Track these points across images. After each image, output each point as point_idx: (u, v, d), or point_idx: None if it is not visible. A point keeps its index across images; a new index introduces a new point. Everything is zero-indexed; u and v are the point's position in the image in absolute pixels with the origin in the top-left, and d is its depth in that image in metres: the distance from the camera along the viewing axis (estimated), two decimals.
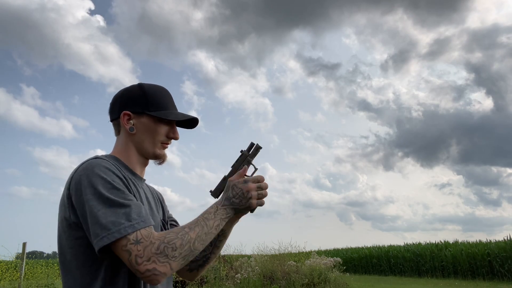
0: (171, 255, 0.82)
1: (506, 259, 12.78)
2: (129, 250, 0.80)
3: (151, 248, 0.81)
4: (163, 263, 0.81)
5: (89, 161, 0.91)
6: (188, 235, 0.87)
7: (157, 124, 1.04)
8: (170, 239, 0.84)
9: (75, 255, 0.88)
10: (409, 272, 16.50)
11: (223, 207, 0.98)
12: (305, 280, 8.45)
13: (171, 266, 0.82)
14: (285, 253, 10.07)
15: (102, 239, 0.80)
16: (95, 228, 0.82)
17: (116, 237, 0.80)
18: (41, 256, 17.64)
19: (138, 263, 0.80)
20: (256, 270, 8.81)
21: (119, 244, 0.81)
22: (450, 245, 15.74)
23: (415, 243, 18.22)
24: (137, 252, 0.80)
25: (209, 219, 0.94)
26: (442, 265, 15.13)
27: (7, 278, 10.66)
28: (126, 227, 0.81)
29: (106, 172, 0.88)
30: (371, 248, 20.03)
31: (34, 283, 9.26)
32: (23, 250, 8.04)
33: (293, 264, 8.95)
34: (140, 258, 0.80)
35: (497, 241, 14.21)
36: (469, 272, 14.02)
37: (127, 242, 0.80)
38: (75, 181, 0.88)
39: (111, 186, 0.86)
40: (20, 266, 8.29)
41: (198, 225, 0.91)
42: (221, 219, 0.97)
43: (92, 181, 0.86)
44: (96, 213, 0.82)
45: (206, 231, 0.92)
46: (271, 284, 8.40)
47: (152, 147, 1.05)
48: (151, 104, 1.04)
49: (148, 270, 0.80)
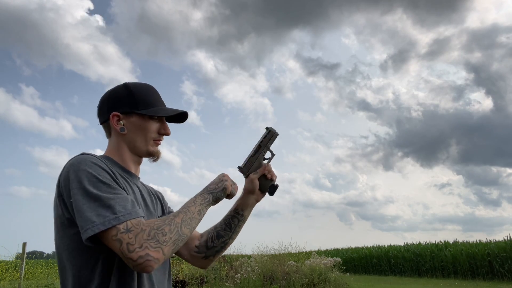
0: (162, 240, 0.83)
1: (506, 259, 12.78)
2: (120, 239, 0.80)
3: (143, 234, 0.82)
4: (155, 248, 0.81)
5: (76, 157, 0.92)
6: (174, 221, 0.89)
7: (147, 122, 1.05)
8: (158, 225, 0.86)
9: (71, 252, 0.89)
10: (409, 272, 16.49)
11: (201, 195, 1.03)
12: (305, 280, 8.45)
13: (163, 251, 0.83)
14: (285, 253, 10.08)
15: (87, 231, 0.80)
16: (80, 221, 0.83)
17: (101, 228, 0.80)
18: (41, 256, 17.66)
19: (130, 251, 0.79)
20: (256, 270, 8.81)
21: (108, 234, 0.81)
22: (450, 245, 15.74)
23: (415, 243, 18.25)
24: (128, 240, 0.80)
25: (190, 206, 0.98)
26: (442, 265, 15.13)
27: (7, 278, 10.66)
28: (111, 219, 0.81)
29: (91, 167, 0.89)
30: (371, 248, 20.02)
31: (34, 283, 9.27)
32: (23, 250, 8.04)
33: (293, 264, 8.94)
34: (132, 246, 0.80)
35: (497, 241, 14.21)
36: (469, 272, 14.02)
37: (117, 232, 0.81)
38: (63, 178, 0.89)
39: (96, 180, 0.87)
40: (20, 266, 8.30)
41: (181, 212, 0.95)
42: (201, 204, 1.01)
43: (77, 176, 0.87)
44: (81, 207, 0.83)
45: (190, 216, 0.95)
46: (271, 284, 8.40)
47: (144, 145, 1.06)
48: (139, 103, 1.04)
49: (141, 256, 0.79)
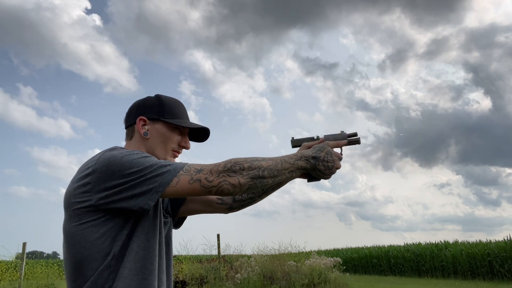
0: (239, 172, 0.90)
1: (506, 259, 12.76)
2: (198, 179, 0.88)
3: (217, 167, 0.90)
4: (232, 176, 0.89)
5: (109, 150, 0.95)
6: (258, 162, 0.93)
7: (171, 132, 1.09)
8: (237, 160, 0.92)
9: (86, 237, 0.88)
10: (409, 272, 16.48)
11: (307, 161, 1.02)
12: (305, 280, 8.45)
13: (239, 181, 0.90)
14: (285, 253, 10.07)
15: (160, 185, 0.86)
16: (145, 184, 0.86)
17: (178, 171, 0.88)
18: (41, 256, 17.67)
19: (210, 181, 0.88)
20: (256, 270, 8.81)
21: (183, 182, 0.88)
22: (450, 245, 15.72)
23: (415, 243, 18.25)
24: (205, 175, 0.89)
25: (287, 162, 0.98)
26: (442, 265, 15.12)
27: (7, 278, 10.65)
28: (175, 168, 0.89)
29: (129, 151, 0.93)
30: (371, 248, 20.00)
31: (34, 283, 9.27)
32: (23, 250, 8.04)
33: (293, 264, 8.94)
34: (211, 176, 0.89)
35: (497, 241, 14.20)
36: (469, 272, 14.00)
37: (191, 176, 0.88)
38: (103, 165, 0.89)
39: (142, 156, 0.91)
40: (20, 266, 8.30)
41: (273, 160, 0.96)
42: (298, 168, 1.01)
43: (124, 160, 0.89)
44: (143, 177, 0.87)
45: (279, 167, 0.96)
46: (271, 284, 8.40)
47: (163, 153, 1.08)
48: (167, 113, 1.08)
49: (220, 182, 0.89)
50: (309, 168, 1.03)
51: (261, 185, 0.93)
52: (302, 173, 1.05)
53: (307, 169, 1.03)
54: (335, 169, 1.05)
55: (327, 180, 1.09)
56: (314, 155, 1.03)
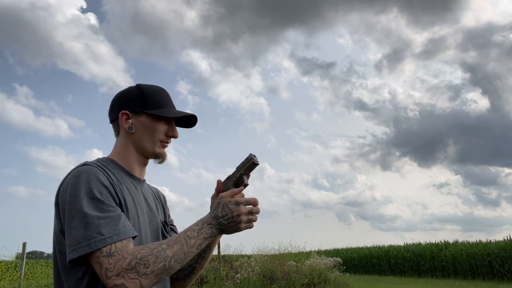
0: (142, 272, 0.80)
1: (506, 259, 12.76)
2: (100, 263, 0.80)
3: (122, 263, 0.79)
4: (132, 279, 0.79)
5: (77, 168, 0.91)
6: (164, 253, 0.84)
7: (156, 123, 1.04)
8: (143, 255, 0.81)
9: (63, 260, 0.88)
10: (409, 272, 16.48)
11: (209, 226, 0.93)
12: (305, 280, 8.45)
13: (141, 284, 0.80)
14: (285, 253, 10.07)
15: (72, 252, 0.81)
16: (68, 239, 0.83)
17: (86, 251, 0.80)
18: (41, 256, 17.65)
19: (107, 277, 0.79)
20: (256, 270, 8.81)
21: (93, 255, 0.81)
22: (450, 245, 15.72)
23: (415, 243, 18.24)
24: (107, 266, 0.79)
25: (192, 238, 0.90)
26: (442, 265, 15.12)
27: (7, 278, 10.65)
28: (97, 241, 0.81)
29: (90, 182, 0.87)
30: (371, 248, 20.01)
31: (34, 283, 9.27)
32: (23, 250, 8.04)
33: (293, 264, 8.94)
34: (110, 272, 0.79)
35: (497, 241, 14.19)
36: (469, 272, 14.00)
37: (100, 255, 0.80)
38: (63, 190, 0.89)
39: (92, 197, 0.85)
40: (20, 266, 8.29)
41: (177, 242, 0.87)
42: (205, 238, 0.92)
43: (75, 192, 0.86)
44: (72, 225, 0.83)
45: (186, 250, 0.88)
46: (271, 284, 8.40)
47: (151, 145, 1.04)
48: (150, 103, 1.04)
49: (116, 285, 0.78)
50: (216, 232, 0.94)
51: (170, 274, 0.86)
52: (214, 236, 0.94)
53: (214, 233, 0.93)
54: (237, 216, 0.92)
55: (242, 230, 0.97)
56: (213, 216, 0.94)
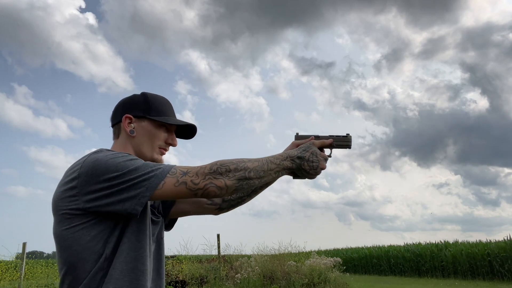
0: (225, 174, 0.90)
1: (506, 259, 12.76)
2: (183, 181, 0.88)
3: (203, 170, 0.90)
4: (218, 179, 0.89)
5: (94, 153, 0.94)
6: (244, 164, 0.93)
7: (157, 129, 1.08)
8: (223, 162, 0.91)
9: (77, 240, 0.88)
10: (409, 272, 16.48)
11: (292, 161, 1.02)
12: (305, 280, 8.45)
13: (225, 183, 0.90)
14: (285, 253, 10.06)
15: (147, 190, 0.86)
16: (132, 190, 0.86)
17: (164, 174, 0.87)
18: (41, 256, 17.66)
19: (196, 184, 0.88)
20: (256, 270, 8.81)
21: (169, 185, 0.87)
22: (450, 245, 15.72)
23: (415, 243, 18.24)
24: (191, 178, 0.88)
25: (273, 163, 0.98)
26: (442, 265, 15.12)
27: (7, 278, 10.65)
28: (162, 171, 0.88)
29: (115, 154, 0.92)
30: (371, 248, 20.01)
31: (34, 283, 9.26)
32: (23, 250, 8.04)
33: (293, 264, 8.94)
34: (197, 179, 0.89)
35: (497, 241, 14.20)
36: (469, 272, 14.01)
37: (177, 178, 0.88)
38: (88, 169, 0.88)
39: (128, 159, 0.90)
40: (20, 266, 8.30)
41: (259, 161, 0.96)
42: (283, 169, 1.01)
43: (109, 163, 0.88)
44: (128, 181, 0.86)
45: (265, 168, 0.96)
46: (271, 284, 8.40)
47: (150, 151, 1.07)
48: (153, 110, 1.08)
49: (205, 184, 0.88)
50: (295, 168, 1.03)
51: (248, 186, 0.94)
52: (289, 172, 1.06)
53: (292, 168, 1.03)
54: (320, 169, 1.06)
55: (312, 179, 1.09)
56: (299, 155, 1.03)
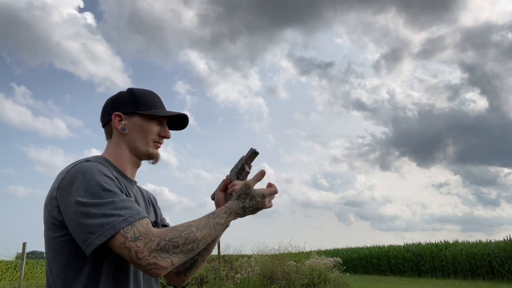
0: (172, 252, 0.83)
1: (506, 259, 12.77)
2: (128, 247, 0.81)
3: (151, 244, 0.82)
4: (164, 258, 0.82)
5: (81, 163, 0.91)
6: (194, 235, 0.87)
7: (148, 123, 1.06)
8: (171, 237, 0.84)
9: (59, 253, 0.88)
10: (409, 272, 16.48)
11: (236, 214, 0.98)
12: (305, 280, 8.45)
13: (172, 262, 0.83)
14: (285, 253, 10.06)
15: (97, 238, 0.80)
16: (86, 229, 0.82)
17: (111, 233, 0.80)
18: (41, 256, 17.63)
19: (138, 258, 0.81)
20: (256, 270, 8.81)
21: (116, 242, 0.81)
22: (450, 245, 15.73)
23: (415, 243, 18.23)
24: (137, 248, 0.81)
25: (220, 224, 0.93)
26: (442, 265, 15.12)
27: (7, 278, 10.66)
28: (120, 221, 0.82)
29: (98, 175, 0.88)
30: (371, 248, 20.01)
31: (34, 283, 9.27)
32: (23, 250, 8.04)
33: (293, 264, 8.94)
34: (141, 253, 0.81)
35: (497, 241, 14.21)
36: (469, 272, 14.01)
37: (125, 240, 0.81)
38: (66, 182, 0.88)
39: (103, 188, 0.86)
40: (20, 266, 8.30)
41: (207, 227, 0.90)
42: (226, 226, 0.98)
43: (84, 183, 0.85)
44: (87, 214, 0.82)
45: (213, 234, 0.91)
46: (271, 284, 8.40)
47: (145, 146, 1.05)
48: (142, 104, 1.05)
49: (149, 263, 0.81)
50: (241, 216, 1.00)
51: (193, 254, 0.89)
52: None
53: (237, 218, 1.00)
54: (262, 208, 1.01)
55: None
56: (241, 206, 0.99)
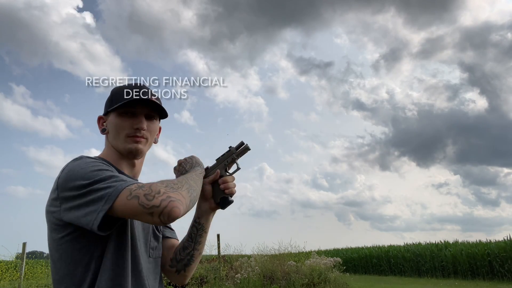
0: (177, 187, 0.84)
1: (506, 259, 12.76)
2: (136, 195, 0.79)
3: (156, 185, 0.81)
4: (173, 191, 0.81)
5: (72, 161, 0.93)
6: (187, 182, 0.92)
7: (120, 118, 1.03)
8: (169, 181, 0.86)
9: (66, 252, 0.88)
10: (409, 272, 16.47)
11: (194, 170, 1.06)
12: (305, 280, 8.45)
13: (182, 194, 0.83)
14: (285, 253, 10.06)
15: (106, 203, 0.80)
16: (92, 203, 0.82)
17: (116, 194, 0.80)
18: (41, 256, 17.62)
19: (149, 199, 0.78)
20: (256, 270, 8.81)
21: (123, 197, 0.80)
22: (450, 245, 15.72)
23: (415, 243, 18.23)
24: (144, 192, 0.79)
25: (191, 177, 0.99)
26: (442, 265, 15.11)
27: (7, 278, 10.65)
28: (120, 185, 0.82)
29: (90, 162, 0.90)
30: (371, 248, 20.00)
31: (34, 283, 9.26)
32: (23, 250, 8.04)
33: (293, 264, 8.94)
34: (150, 194, 0.78)
35: (497, 241, 14.20)
36: (469, 272, 14.00)
37: (130, 191, 0.80)
38: (63, 180, 0.88)
39: (98, 169, 0.87)
40: (20, 266, 8.30)
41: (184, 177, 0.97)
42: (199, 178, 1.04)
43: (80, 173, 0.86)
44: (90, 192, 0.83)
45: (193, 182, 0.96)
46: (271, 284, 8.40)
47: (121, 142, 1.03)
48: (114, 102, 1.04)
49: (163, 199, 0.78)
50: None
51: (195, 197, 0.92)
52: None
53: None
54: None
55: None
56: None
